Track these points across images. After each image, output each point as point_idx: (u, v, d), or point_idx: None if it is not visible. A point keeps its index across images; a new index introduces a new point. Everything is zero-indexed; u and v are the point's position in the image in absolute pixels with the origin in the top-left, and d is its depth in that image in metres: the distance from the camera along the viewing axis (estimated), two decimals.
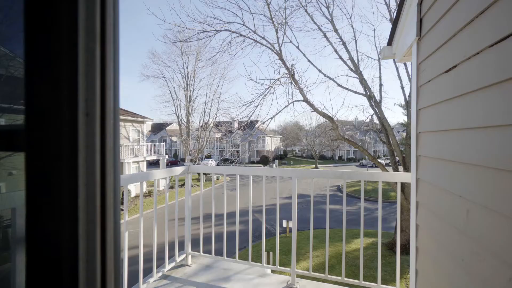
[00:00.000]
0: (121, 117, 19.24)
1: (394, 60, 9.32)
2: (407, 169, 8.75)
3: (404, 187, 8.39)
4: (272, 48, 7.81)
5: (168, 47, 40.00)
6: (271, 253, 7.27)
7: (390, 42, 2.38)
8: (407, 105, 9.78)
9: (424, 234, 1.66)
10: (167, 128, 48.91)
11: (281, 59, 7.78)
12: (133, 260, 2.13)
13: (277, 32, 7.63)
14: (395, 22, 2.14)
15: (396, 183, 2.26)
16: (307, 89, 8.04)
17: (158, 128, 50.34)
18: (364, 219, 2.33)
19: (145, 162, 20.80)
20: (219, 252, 2.69)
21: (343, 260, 2.29)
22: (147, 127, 22.41)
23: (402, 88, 9.82)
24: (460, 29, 1.18)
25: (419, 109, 1.78)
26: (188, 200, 2.72)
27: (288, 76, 7.56)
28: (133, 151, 19.84)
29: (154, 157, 21.83)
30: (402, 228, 9.15)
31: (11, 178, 0.46)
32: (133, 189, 19.51)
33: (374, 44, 9.30)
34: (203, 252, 2.75)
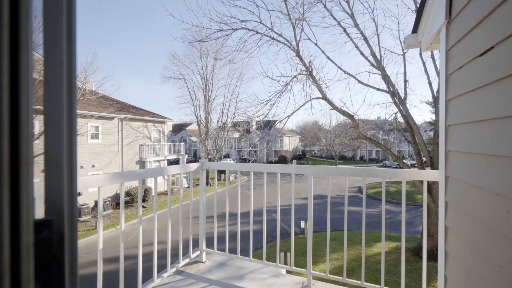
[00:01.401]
0: (143, 117, 20.04)
1: (420, 52, 8.79)
2: (434, 169, 8.20)
3: (432, 188, 7.85)
4: (290, 45, 7.67)
5: (188, 48, 41.11)
6: (288, 253, 7.14)
7: (415, 30, 2.20)
8: (435, 102, 9.18)
9: (455, 237, 1.50)
10: (187, 128, 50.29)
11: (298, 56, 7.63)
12: (149, 257, 2.15)
13: (294, 29, 7.48)
14: (420, 7, 1.97)
15: (422, 182, 2.09)
16: (325, 86, 7.82)
17: (178, 128, 51.94)
18: (388, 222, 2.19)
19: (165, 161, 21.50)
20: (233, 251, 2.66)
21: (362, 264, 2.15)
22: (167, 127, 23.16)
23: (430, 83, 9.24)
24: (499, 4, 1.04)
25: (448, 100, 1.61)
26: (203, 197, 2.72)
27: (306, 73, 7.39)
28: (154, 150, 20.58)
29: (174, 156, 22.51)
30: (430, 233, 8.59)
31: None
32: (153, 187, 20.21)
33: (399, 38, 8.83)
34: (217, 250, 2.73)
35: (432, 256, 8.50)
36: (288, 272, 2.53)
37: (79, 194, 14.74)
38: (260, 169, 2.52)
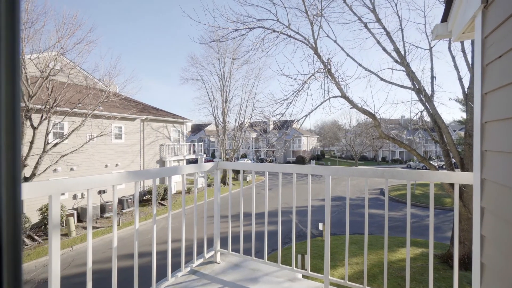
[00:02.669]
0: (163, 118, 20.67)
1: (449, 46, 8.23)
2: (465, 171, 7.61)
3: (463, 191, 7.30)
4: (307, 42, 7.49)
5: (206, 50, 41.86)
6: (305, 255, 6.97)
7: (444, 19, 2.01)
8: (466, 99, 8.54)
9: (492, 247, 1.33)
10: (205, 129, 51.31)
11: (316, 53, 7.43)
12: (165, 255, 2.16)
13: (312, 26, 7.29)
14: None
15: (452, 185, 1.90)
16: (345, 83, 7.54)
17: (197, 129, 53.14)
18: (413, 226, 2.02)
19: (184, 161, 22.02)
20: (247, 252, 2.61)
21: (385, 270, 2.00)
22: (187, 128, 23.72)
23: (460, 79, 8.62)
24: None
25: (485, 93, 1.44)
26: (217, 197, 2.69)
27: (324, 70, 7.17)
28: (174, 150, 21.15)
29: (193, 156, 23.01)
30: (460, 239, 8.01)
31: None
32: (174, 185, 20.80)
33: (425, 32, 8.31)
34: (232, 251, 2.70)
35: (463, 264, 7.91)
36: (304, 276, 2.43)
37: (104, 191, 15.50)
38: (275, 169, 2.45)
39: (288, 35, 7.40)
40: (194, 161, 28.07)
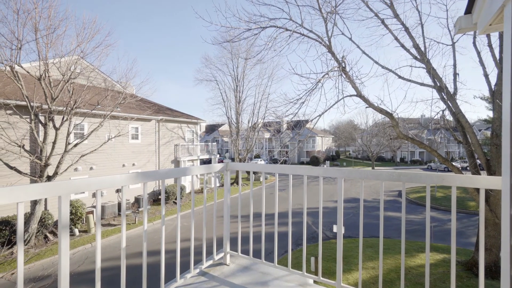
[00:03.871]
0: (177, 118, 21.08)
1: (474, 40, 7.78)
2: (492, 174, 7.14)
3: (489, 195, 6.85)
4: (321, 41, 7.33)
5: (219, 51, 42.22)
6: (318, 258, 6.82)
7: (469, 10, 1.87)
8: (492, 96, 8.03)
9: None
10: (219, 129, 51.88)
11: (330, 51, 7.25)
12: (174, 254, 2.16)
13: (325, 23, 7.12)
14: None
15: (477, 190, 1.76)
16: (360, 81, 7.30)
17: (211, 129, 53.87)
18: (434, 231, 1.90)
19: (198, 161, 22.35)
20: (257, 254, 2.56)
21: (401, 275, 1.88)
22: (201, 128, 24.06)
23: (486, 76, 8.12)
24: None
25: None
26: (227, 198, 2.67)
27: (338, 68, 6.98)
28: (188, 150, 21.52)
29: (206, 156, 23.30)
30: (486, 246, 7.53)
31: None
32: (189, 185, 21.15)
33: (447, 27, 7.89)
34: (241, 253, 2.66)
35: (490, 273, 7.43)
36: (315, 282, 2.35)
37: (118, 190, 16.04)
38: (285, 171, 2.39)
39: (301, 33, 7.28)
40: (208, 161, 28.39)
